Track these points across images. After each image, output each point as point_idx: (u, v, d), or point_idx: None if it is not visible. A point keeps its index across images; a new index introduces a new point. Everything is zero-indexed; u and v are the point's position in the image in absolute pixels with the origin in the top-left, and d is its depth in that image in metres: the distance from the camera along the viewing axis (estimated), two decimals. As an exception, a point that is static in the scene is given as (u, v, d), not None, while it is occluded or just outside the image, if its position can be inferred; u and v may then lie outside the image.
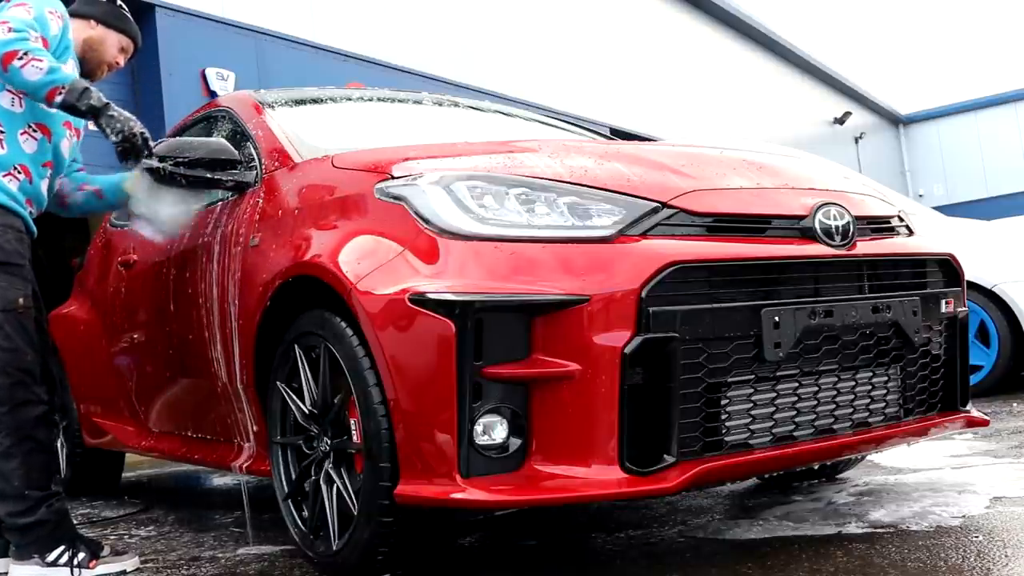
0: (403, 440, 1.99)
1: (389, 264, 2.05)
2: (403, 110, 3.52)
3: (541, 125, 3.65)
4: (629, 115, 14.07)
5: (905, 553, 2.04)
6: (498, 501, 1.92)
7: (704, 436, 1.95)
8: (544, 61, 12.62)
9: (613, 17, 14.29)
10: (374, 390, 2.04)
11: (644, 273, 1.90)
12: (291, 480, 2.43)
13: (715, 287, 1.99)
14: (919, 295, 2.30)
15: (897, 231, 2.48)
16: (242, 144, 2.90)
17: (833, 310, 2.10)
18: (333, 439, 2.25)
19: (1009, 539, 2.09)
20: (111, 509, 3.82)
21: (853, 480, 3.01)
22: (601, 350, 1.88)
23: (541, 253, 1.95)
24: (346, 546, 2.16)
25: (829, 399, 2.15)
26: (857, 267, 2.22)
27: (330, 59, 9.34)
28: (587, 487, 1.88)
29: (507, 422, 1.93)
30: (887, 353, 2.24)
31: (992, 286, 4.97)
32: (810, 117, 21.60)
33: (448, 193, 2.06)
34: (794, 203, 2.20)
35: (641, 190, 2.07)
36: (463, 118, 3.52)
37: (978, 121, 27.03)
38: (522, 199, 2.04)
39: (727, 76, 17.55)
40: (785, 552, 2.15)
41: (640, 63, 14.77)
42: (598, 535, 2.53)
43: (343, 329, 2.14)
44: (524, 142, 2.49)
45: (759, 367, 2.02)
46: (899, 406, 2.30)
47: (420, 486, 1.96)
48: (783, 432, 2.07)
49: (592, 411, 1.88)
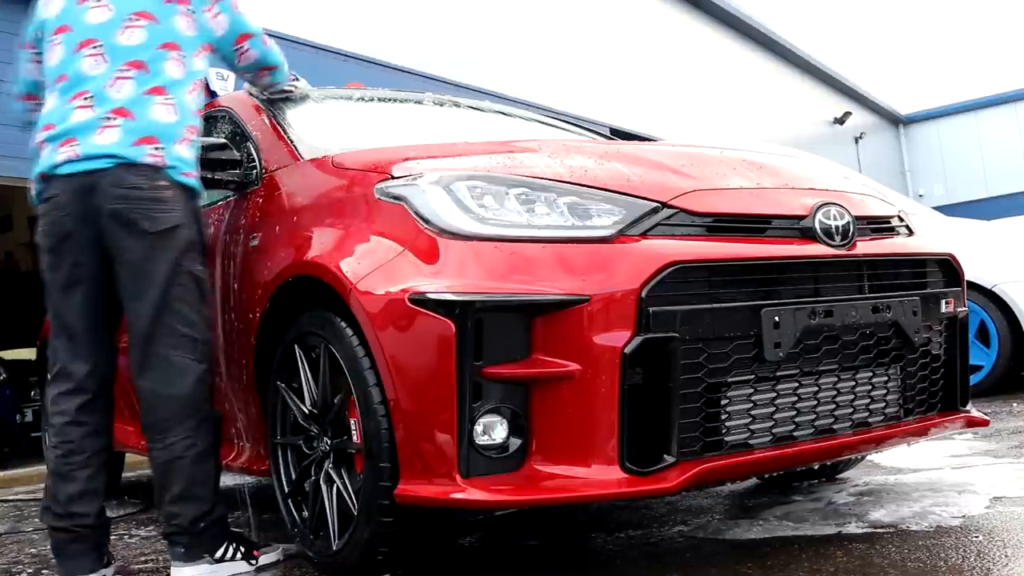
0: (403, 440, 1.99)
1: (389, 264, 2.05)
2: (403, 110, 3.52)
3: (541, 125, 3.64)
4: (629, 115, 14.07)
5: (905, 553, 2.04)
6: (498, 501, 1.92)
7: (704, 436, 1.95)
8: (544, 61, 12.63)
9: (613, 17, 14.29)
10: (374, 390, 2.04)
11: (644, 273, 1.90)
12: (291, 480, 2.43)
13: (715, 287, 1.99)
14: (919, 295, 2.30)
15: (897, 231, 2.48)
16: (242, 144, 2.90)
17: (833, 310, 2.10)
18: (333, 439, 2.25)
19: (1009, 539, 2.09)
20: (111, 509, 3.81)
21: (853, 480, 3.01)
22: (601, 350, 1.87)
23: (541, 253, 1.95)
24: (346, 546, 2.16)
25: (829, 399, 2.14)
26: (857, 267, 2.22)
27: (330, 59, 9.35)
28: (587, 487, 1.88)
29: (507, 422, 1.93)
30: (887, 353, 2.24)
31: (992, 286, 4.97)
32: (810, 117, 21.61)
33: (448, 193, 2.06)
34: (794, 203, 2.20)
35: (641, 190, 2.07)
36: (463, 118, 3.52)
37: (978, 121, 27.04)
38: (522, 199, 2.04)
39: (727, 76, 17.55)
40: (785, 552, 2.15)
41: (640, 63, 14.77)
42: (598, 535, 2.53)
43: (343, 329, 2.14)
44: (524, 142, 2.49)
45: (759, 367, 2.02)
46: (899, 406, 2.30)
47: (420, 486, 1.96)
48: (783, 432, 2.07)
49: (592, 411, 1.88)
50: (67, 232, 2.35)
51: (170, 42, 2.43)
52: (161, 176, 2.35)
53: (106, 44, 2.40)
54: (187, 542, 2.35)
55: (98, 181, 2.31)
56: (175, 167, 2.38)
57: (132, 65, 2.38)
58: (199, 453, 2.34)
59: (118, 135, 2.33)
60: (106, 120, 2.34)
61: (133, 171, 2.32)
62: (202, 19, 2.52)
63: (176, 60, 2.44)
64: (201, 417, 2.36)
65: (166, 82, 2.41)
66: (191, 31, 2.48)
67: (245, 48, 2.69)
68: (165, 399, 2.33)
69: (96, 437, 2.43)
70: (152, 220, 2.31)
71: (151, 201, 2.32)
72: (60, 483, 2.39)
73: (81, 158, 2.32)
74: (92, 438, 2.41)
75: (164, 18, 2.44)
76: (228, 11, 2.59)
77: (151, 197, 2.32)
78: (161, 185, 2.34)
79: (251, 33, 2.69)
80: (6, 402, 8.86)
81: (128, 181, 2.31)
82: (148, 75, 2.39)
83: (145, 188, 2.32)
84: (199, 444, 2.34)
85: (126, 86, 2.37)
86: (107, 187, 2.30)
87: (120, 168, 2.31)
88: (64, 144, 2.35)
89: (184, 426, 2.33)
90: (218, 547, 2.37)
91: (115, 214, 2.30)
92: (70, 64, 2.41)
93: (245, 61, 2.75)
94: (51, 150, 2.37)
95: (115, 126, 2.33)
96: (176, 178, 2.38)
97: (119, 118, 2.34)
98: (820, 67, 21.96)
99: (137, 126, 2.34)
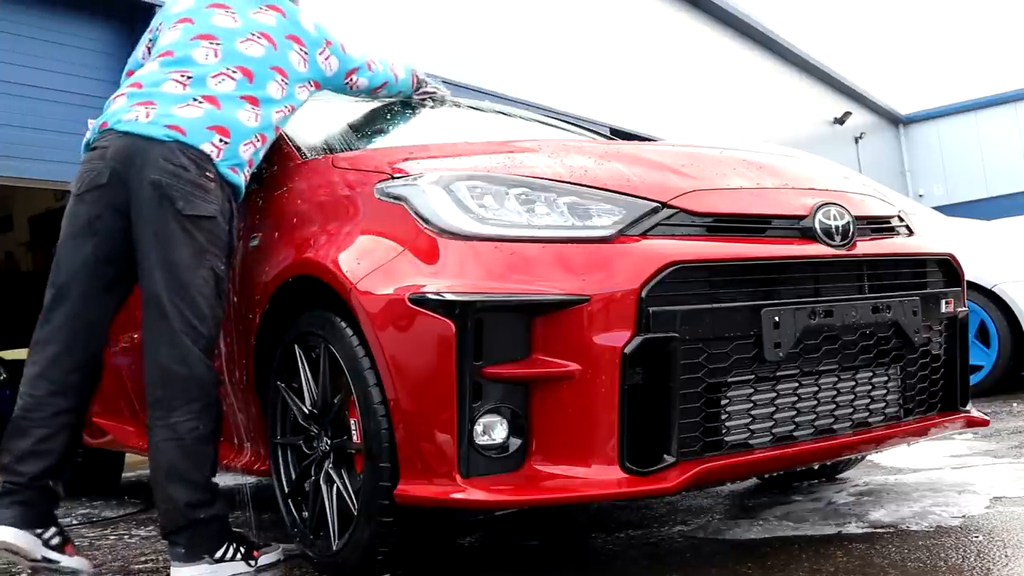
0: (403, 440, 1.99)
1: (389, 264, 2.05)
2: (403, 110, 3.51)
3: (541, 125, 3.64)
4: (629, 115, 14.06)
5: (905, 553, 2.04)
6: (498, 501, 1.92)
7: (704, 436, 1.95)
8: (544, 61, 12.62)
9: (613, 17, 14.29)
10: (374, 390, 2.04)
11: (644, 273, 1.90)
12: (291, 480, 2.43)
13: (715, 287, 1.99)
14: (919, 295, 2.30)
15: (897, 231, 2.48)
16: (242, 144, 2.90)
17: (833, 310, 2.10)
18: (333, 439, 2.25)
19: (1009, 539, 2.09)
20: (111, 509, 3.82)
21: (853, 480, 3.01)
22: (601, 350, 1.87)
23: (541, 253, 1.95)
24: (346, 546, 2.16)
25: (829, 399, 2.14)
26: (857, 267, 2.22)
27: (330, 59, 9.33)
28: (587, 487, 1.88)
29: (507, 422, 1.93)
30: (887, 353, 2.24)
31: (992, 286, 4.97)
32: (810, 117, 21.60)
33: (448, 193, 2.06)
34: (794, 203, 2.20)
35: (641, 190, 2.07)
36: (463, 118, 3.52)
37: (978, 121, 27.02)
38: (522, 199, 2.04)
39: (727, 76, 17.54)
40: (785, 552, 2.15)
41: (640, 63, 14.76)
42: (598, 535, 2.53)
43: (343, 329, 2.14)
44: (524, 142, 2.49)
45: (759, 367, 2.02)
46: (899, 406, 2.30)
47: (420, 486, 1.96)
48: (783, 432, 2.07)
49: (592, 411, 1.88)
50: (100, 184, 2.36)
51: (281, 68, 2.58)
52: (211, 166, 2.38)
53: (224, 44, 2.52)
54: (186, 542, 2.34)
55: (151, 149, 2.33)
56: (227, 160, 2.42)
57: (242, 71, 2.50)
58: (200, 436, 2.33)
59: (198, 114, 2.39)
60: (194, 100, 2.42)
61: (188, 153, 2.35)
62: (314, 61, 2.69)
63: (279, 84, 2.57)
64: (207, 402, 2.35)
65: (263, 97, 2.52)
66: (302, 68, 2.66)
67: (354, 80, 2.91)
68: (175, 376, 2.32)
69: (62, 396, 2.38)
70: (189, 202, 2.32)
71: (194, 186, 2.34)
72: (13, 435, 2.37)
73: (151, 121, 2.36)
74: (57, 397, 2.38)
75: (282, 48, 2.61)
76: (337, 54, 2.79)
77: (195, 182, 2.35)
78: (208, 175, 2.37)
79: (357, 67, 2.90)
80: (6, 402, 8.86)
81: (179, 160, 2.34)
82: (251, 85, 2.50)
83: (192, 172, 2.35)
84: (201, 427, 2.33)
85: (227, 83, 2.47)
86: (157, 158, 2.33)
87: (177, 145, 2.35)
88: (141, 104, 2.41)
89: (190, 407, 2.31)
90: (218, 547, 2.36)
91: (156, 184, 2.31)
92: (182, 47, 2.52)
93: (357, 89, 2.96)
94: (125, 105, 2.43)
95: (198, 107, 2.41)
96: (223, 171, 2.41)
97: (206, 103, 2.42)
98: (820, 67, 21.94)
99: (219, 115, 2.42)
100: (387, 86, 3.09)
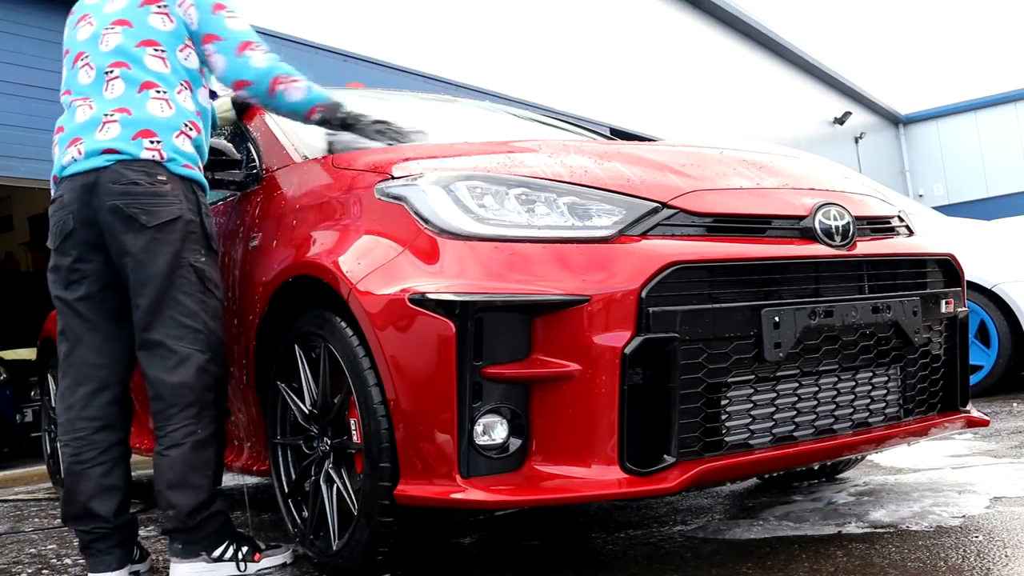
0: (403, 440, 1.99)
1: (389, 264, 2.05)
2: (403, 110, 3.52)
3: (541, 125, 3.65)
4: (629, 115, 14.07)
5: (905, 553, 2.04)
6: (498, 501, 1.92)
7: (704, 436, 1.95)
8: (544, 61, 12.62)
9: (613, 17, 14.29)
10: (374, 390, 2.04)
11: (644, 273, 1.90)
12: (291, 480, 2.43)
13: (715, 287, 1.99)
14: (919, 295, 2.30)
15: (897, 231, 2.48)
16: (242, 144, 2.91)
17: (833, 310, 2.10)
18: (333, 439, 2.25)
19: (1009, 539, 2.09)
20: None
21: (853, 480, 3.01)
22: (601, 350, 1.87)
23: (541, 253, 1.95)
24: (346, 546, 2.16)
25: (829, 399, 2.15)
26: (857, 267, 2.22)
27: (330, 59, 9.34)
28: (587, 487, 1.88)
29: (507, 422, 1.93)
30: (887, 353, 2.24)
31: (992, 286, 4.97)
32: (810, 117, 21.60)
33: (448, 193, 2.06)
34: (794, 203, 2.20)
35: (641, 190, 2.07)
36: (463, 118, 3.52)
37: (978, 121, 27.03)
38: (522, 199, 2.04)
39: (727, 76, 17.55)
40: (785, 552, 2.15)
41: (640, 63, 14.77)
42: (598, 535, 2.53)
43: (343, 329, 2.14)
44: (524, 142, 2.49)
45: (759, 367, 2.02)
46: (899, 406, 2.30)
47: (420, 486, 1.96)
48: (783, 432, 2.07)
49: (592, 411, 1.88)
50: (70, 230, 2.38)
51: (147, 39, 2.49)
52: (161, 170, 2.37)
53: (91, 55, 2.49)
54: (184, 538, 2.35)
55: (99, 178, 2.35)
56: (174, 159, 2.40)
57: (114, 65, 2.45)
58: (198, 441, 2.33)
59: (118, 130, 2.38)
60: (106, 117, 2.39)
61: (133, 167, 2.35)
62: (175, 13, 2.54)
63: (155, 55, 2.48)
64: (203, 406, 2.35)
65: (153, 76, 2.45)
66: (169, 25, 2.52)
67: (211, 51, 2.52)
68: (168, 386, 2.33)
69: (108, 431, 2.42)
70: (150, 214, 2.33)
71: (150, 196, 2.34)
72: (73, 482, 2.39)
73: (84, 156, 2.37)
74: (102, 432, 2.41)
75: (138, 20, 2.50)
76: (199, 6, 2.52)
77: (150, 192, 2.34)
78: (160, 180, 2.36)
79: (218, 38, 2.51)
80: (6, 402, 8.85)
81: (127, 177, 2.34)
82: (132, 71, 2.44)
83: (144, 183, 2.34)
84: (199, 432, 2.34)
85: (117, 85, 2.43)
86: (107, 184, 2.34)
87: (120, 165, 2.35)
88: (71, 145, 2.41)
89: (185, 414, 2.32)
90: (217, 546, 2.36)
91: (115, 210, 2.33)
92: (71, 78, 2.52)
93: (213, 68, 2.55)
94: (60, 152, 2.45)
95: (114, 121, 2.39)
96: (176, 170, 2.40)
97: (118, 114, 2.39)
98: (820, 67, 21.94)
99: (135, 120, 2.39)
100: (251, 88, 2.52)
